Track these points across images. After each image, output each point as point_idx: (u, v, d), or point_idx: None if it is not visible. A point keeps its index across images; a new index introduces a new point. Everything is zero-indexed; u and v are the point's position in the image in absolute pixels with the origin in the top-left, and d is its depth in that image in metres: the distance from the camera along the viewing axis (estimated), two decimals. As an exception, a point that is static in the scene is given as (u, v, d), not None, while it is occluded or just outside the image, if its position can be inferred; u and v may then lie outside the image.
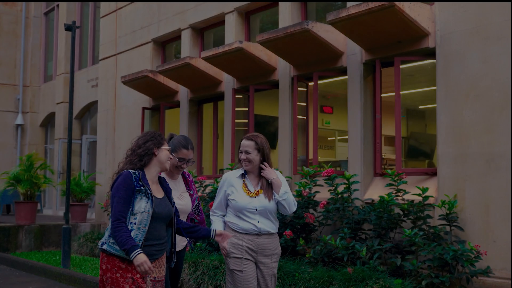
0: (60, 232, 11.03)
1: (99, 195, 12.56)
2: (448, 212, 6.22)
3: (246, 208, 4.06)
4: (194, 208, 4.39)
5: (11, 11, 19.50)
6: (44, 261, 9.50)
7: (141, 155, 3.55)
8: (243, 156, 4.13)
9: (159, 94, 11.07)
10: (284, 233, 6.90)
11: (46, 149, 19.29)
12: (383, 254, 6.48)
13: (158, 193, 3.62)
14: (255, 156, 4.12)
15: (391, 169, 6.72)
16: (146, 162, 3.56)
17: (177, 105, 10.93)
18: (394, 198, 6.49)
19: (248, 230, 4.07)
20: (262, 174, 4.16)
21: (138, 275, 3.43)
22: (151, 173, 3.60)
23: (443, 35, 6.65)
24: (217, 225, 4.18)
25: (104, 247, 3.48)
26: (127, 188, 3.42)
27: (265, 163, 4.17)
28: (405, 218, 6.46)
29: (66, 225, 8.85)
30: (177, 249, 4.05)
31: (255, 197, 4.10)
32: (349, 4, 7.72)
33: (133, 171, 3.50)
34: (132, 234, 3.40)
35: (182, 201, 4.15)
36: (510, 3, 6.07)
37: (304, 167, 7.43)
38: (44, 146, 19.34)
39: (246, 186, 4.14)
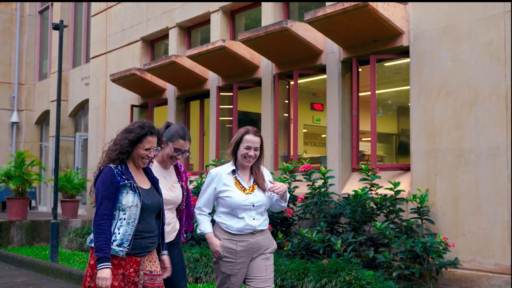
0: (51, 228, 11.22)
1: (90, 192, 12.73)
2: (419, 206, 6.41)
3: (242, 205, 3.84)
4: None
5: (6, 9, 19.66)
6: (34, 256, 9.69)
7: (118, 152, 3.43)
8: (251, 153, 3.89)
9: (147, 91, 11.27)
10: (263, 227, 7.08)
11: (41, 146, 19.48)
12: (358, 247, 6.67)
13: (144, 183, 3.50)
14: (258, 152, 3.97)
15: (365, 164, 6.90)
16: (124, 158, 3.45)
17: (164, 102, 11.13)
18: (368, 192, 6.69)
19: (243, 230, 3.86)
20: (275, 191, 3.87)
21: (131, 269, 3.34)
22: (132, 166, 3.50)
23: (416, 34, 6.84)
24: (205, 225, 3.96)
25: (93, 244, 3.36)
26: (110, 184, 3.31)
27: (271, 181, 3.97)
28: (378, 212, 6.65)
29: (54, 221, 9.04)
30: (166, 241, 3.84)
31: (251, 193, 3.91)
32: (328, 3, 7.92)
33: (115, 166, 3.39)
34: (122, 230, 3.30)
35: (173, 192, 3.94)
36: (482, 3, 6.24)
37: (284, 163, 7.62)
38: (39, 144, 19.52)
39: (239, 182, 3.93)
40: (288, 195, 4.13)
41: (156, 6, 11.31)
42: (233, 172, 3.96)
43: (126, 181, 3.35)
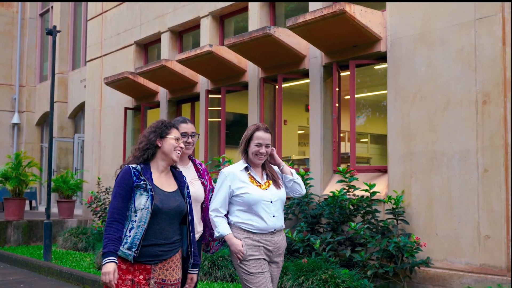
0: (47, 228, 11.46)
1: (86, 192, 13.01)
2: (394, 207, 6.62)
3: (262, 200, 3.73)
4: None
5: (7, 12, 19.98)
6: (29, 255, 9.95)
7: (144, 149, 3.33)
8: (263, 150, 3.80)
9: (140, 94, 11.52)
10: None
11: (42, 147, 19.77)
12: (337, 246, 6.88)
13: (169, 186, 3.36)
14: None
15: (344, 166, 7.11)
16: (149, 156, 3.34)
17: (157, 105, 11.38)
18: (346, 194, 6.91)
19: (263, 229, 3.74)
20: (272, 160, 3.93)
21: (141, 277, 3.21)
22: (158, 166, 3.36)
23: (393, 40, 7.04)
24: (224, 227, 3.76)
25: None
26: (125, 184, 3.21)
27: (273, 148, 3.95)
28: (356, 213, 6.86)
29: (47, 221, 9.29)
30: None
31: (267, 189, 3.81)
32: (311, 8, 8.16)
33: (134, 165, 3.28)
34: (132, 232, 3.18)
35: (192, 187, 3.81)
36: (454, 10, 6.44)
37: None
38: (40, 145, 19.81)
39: (254, 179, 3.82)
40: (294, 170, 4.03)
41: (149, 11, 11.56)
42: (246, 169, 3.85)
43: (141, 182, 3.23)
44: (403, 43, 6.93)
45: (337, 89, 7.80)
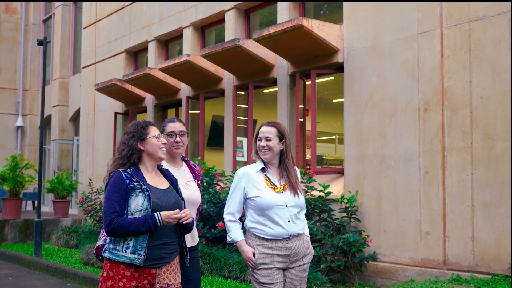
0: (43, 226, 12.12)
1: (80, 193, 13.67)
2: (347, 206, 7.19)
3: (275, 205, 3.55)
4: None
5: (12, 19, 20.76)
6: (23, 252, 10.62)
7: (127, 155, 3.25)
8: (262, 143, 3.63)
9: (129, 100, 12.16)
10: (217, 225, 7.91)
11: (45, 149, 20.47)
12: (296, 243, 7.44)
13: (162, 184, 3.29)
14: (276, 144, 3.63)
15: (306, 168, 7.68)
16: (136, 161, 3.26)
17: (144, 110, 12.01)
18: (305, 195, 7.48)
19: (277, 235, 3.54)
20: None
21: (146, 281, 3.13)
22: (147, 167, 3.30)
23: (348, 51, 7.61)
24: (237, 232, 3.63)
25: (106, 254, 3.17)
26: (119, 188, 3.13)
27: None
28: (313, 211, 7.43)
29: (38, 219, 9.96)
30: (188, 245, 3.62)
31: (283, 192, 3.62)
32: (279, 20, 8.74)
33: (123, 169, 3.21)
34: (133, 239, 3.12)
35: (188, 190, 3.72)
36: (400, 25, 6.98)
37: (237, 166, 8.43)
38: (43, 147, 20.51)
39: (270, 180, 3.64)
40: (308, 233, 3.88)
41: (138, 21, 12.20)
42: (263, 170, 3.69)
43: (135, 183, 3.16)
44: (357, 54, 7.49)
45: (303, 96, 8.37)
